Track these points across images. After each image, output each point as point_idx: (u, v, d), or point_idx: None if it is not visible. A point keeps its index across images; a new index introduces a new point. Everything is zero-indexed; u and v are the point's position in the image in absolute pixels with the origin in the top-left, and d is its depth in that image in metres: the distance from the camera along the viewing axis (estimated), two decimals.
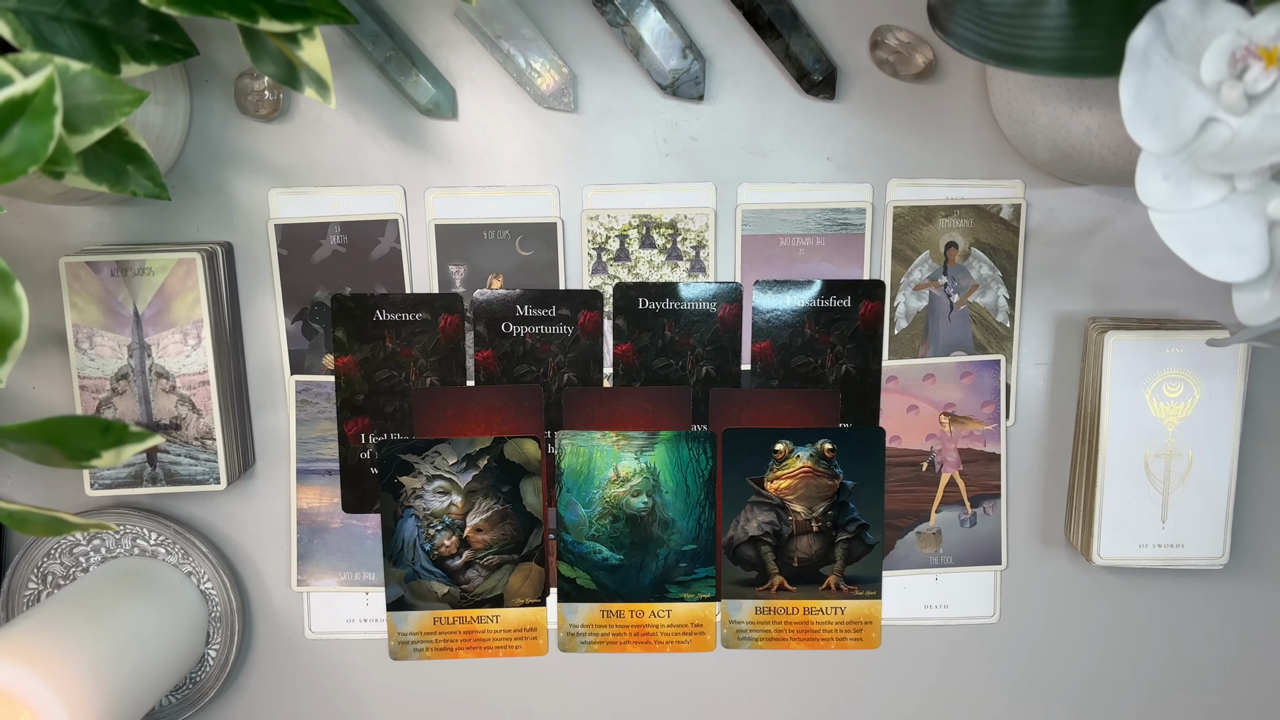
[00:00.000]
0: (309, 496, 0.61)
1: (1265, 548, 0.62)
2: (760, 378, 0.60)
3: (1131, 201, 0.59)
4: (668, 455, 0.60)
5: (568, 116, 0.59)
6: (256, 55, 0.46)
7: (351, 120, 0.59)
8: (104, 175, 0.44)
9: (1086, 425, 0.59)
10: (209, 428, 0.57)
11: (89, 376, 0.57)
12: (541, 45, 0.57)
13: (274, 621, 0.63)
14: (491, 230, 0.59)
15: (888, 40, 0.56)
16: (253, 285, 0.60)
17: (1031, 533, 0.62)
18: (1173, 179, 0.39)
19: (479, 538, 0.61)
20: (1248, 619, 0.63)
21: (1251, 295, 0.41)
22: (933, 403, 0.61)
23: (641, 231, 0.59)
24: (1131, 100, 0.38)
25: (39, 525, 0.44)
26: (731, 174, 0.59)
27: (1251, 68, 0.37)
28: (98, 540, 0.61)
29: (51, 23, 0.41)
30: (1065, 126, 0.49)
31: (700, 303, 0.60)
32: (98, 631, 0.53)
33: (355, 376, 0.60)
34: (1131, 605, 0.63)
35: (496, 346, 0.60)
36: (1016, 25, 0.43)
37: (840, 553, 0.61)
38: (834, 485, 0.60)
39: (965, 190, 0.59)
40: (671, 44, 0.56)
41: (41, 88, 0.36)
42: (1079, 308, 0.60)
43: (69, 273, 0.56)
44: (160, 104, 0.54)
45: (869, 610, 0.62)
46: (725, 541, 0.61)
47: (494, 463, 0.60)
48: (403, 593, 0.61)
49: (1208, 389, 0.56)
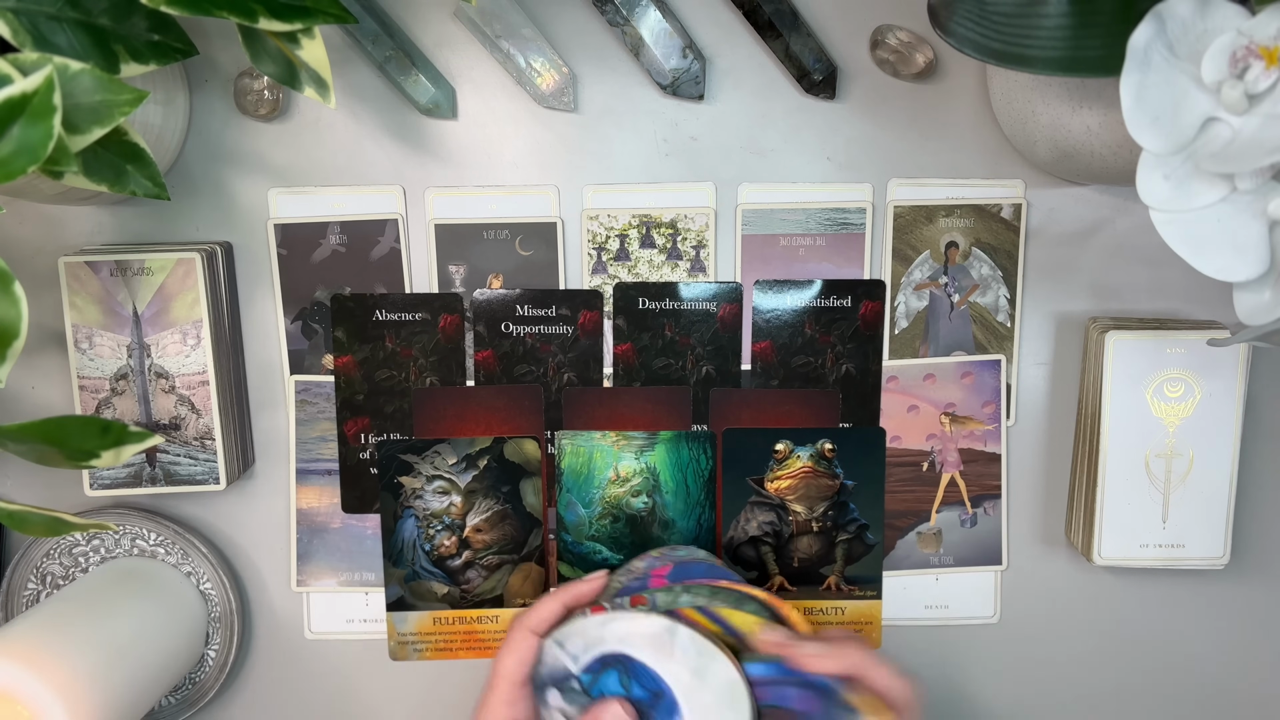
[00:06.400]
0: (309, 497, 0.61)
1: (1266, 548, 0.62)
2: (760, 378, 0.60)
3: (1132, 201, 0.59)
4: (668, 455, 0.60)
5: (568, 116, 0.59)
6: (256, 55, 0.46)
7: (351, 120, 0.59)
8: (103, 175, 0.44)
9: (1087, 425, 0.59)
10: (208, 428, 0.57)
11: (88, 376, 0.57)
12: (541, 45, 0.57)
13: (274, 622, 0.63)
14: (491, 230, 0.59)
15: (888, 40, 0.56)
16: (252, 285, 0.60)
17: (1032, 533, 0.62)
18: (1173, 179, 0.39)
19: (479, 538, 0.61)
20: (1248, 619, 0.63)
21: (1252, 295, 0.41)
22: (933, 403, 0.61)
23: (641, 231, 0.59)
24: (1132, 100, 0.38)
25: (38, 525, 0.44)
26: (731, 174, 0.59)
27: (1252, 67, 0.37)
28: (97, 540, 0.61)
29: (51, 22, 0.41)
30: (1066, 126, 0.49)
31: (700, 303, 0.60)
32: (97, 632, 0.53)
33: (355, 376, 0.60)
34: (1132, 606, 0.63)
35: (496, 346, 0.60)
36: (1017, 25, 0.43)
37: (840, 553, 0.61)
38: (834, 485, 0.60)
39: (966, 190, 0.59)
40: (671, 43, 0.56)
41: (41, 87, 0.36)
42: (1079, 307, 0.60)
43: (68, 273, 0.56)
44: (160, 104, 0.54)
45: (869, 610, 0.62)
46: (725, 541, 0.61)
47: (494, 463, 0.60)
48: (402, 593, 0.61)
49: (1208, 389, 0.56)
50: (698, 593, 0.48)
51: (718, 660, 0.46)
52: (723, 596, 0.48)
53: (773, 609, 0.49)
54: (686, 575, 0.50)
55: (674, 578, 0.50)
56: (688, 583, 0.49)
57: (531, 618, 0.50)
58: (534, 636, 0.49)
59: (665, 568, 0.51)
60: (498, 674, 0.49)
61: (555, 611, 0.50)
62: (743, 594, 0.49)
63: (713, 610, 0.48)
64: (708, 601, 0.48)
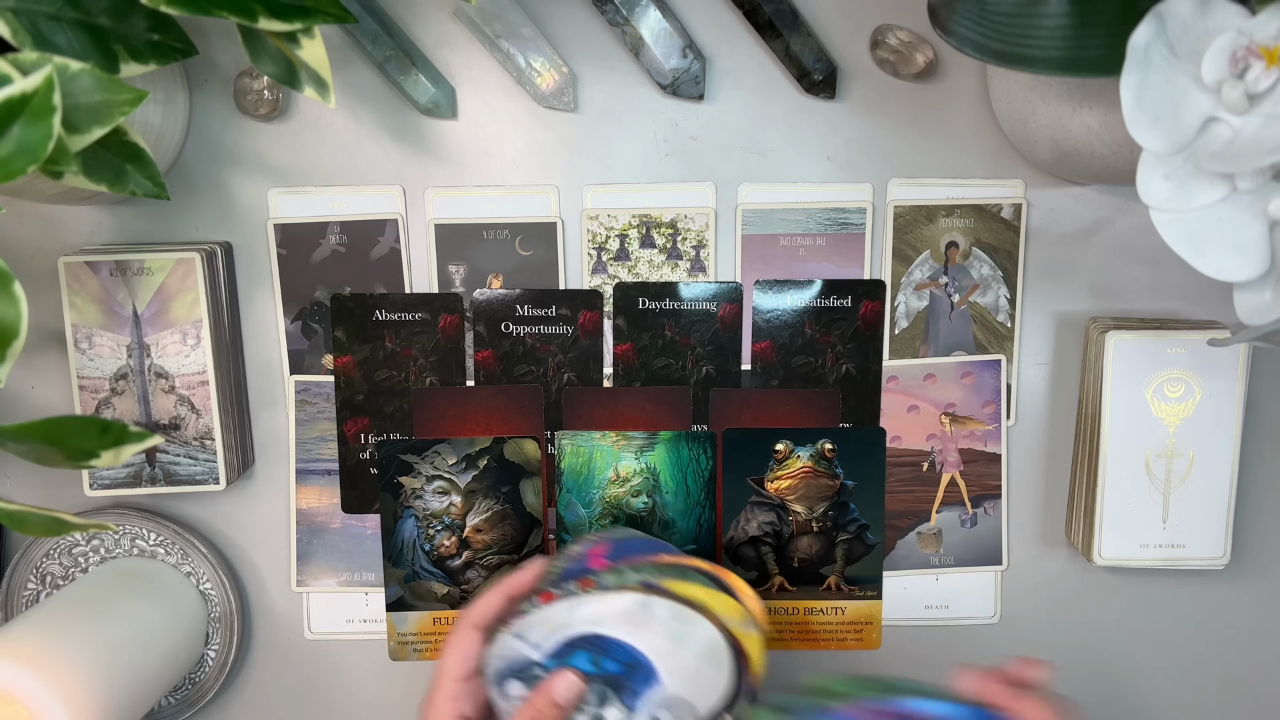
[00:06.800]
0: (308, 497, 0.61)
1: (1266, 548, 0.62)
2: (760, 378, 0.60)
3: (1132, 201, 0.59)
4: (668, 455, 0.60)
5: (568, 116, 0.58)
6: (256, 55, 0.45)
7: (351, 120, 0.59)
8: (103, 175, 0.44)
9: (1087, 425, 0.59)
10: (208, 428, 0.57)
11: (88, 376, 0.57)
12: (541, 45, 0.57)
13: (273, 622, 0.63)
14: (491, 230, 0.59)
15: (888, 39, 0.56)
16: (252, 285, 0.60)
17: (1032, 533, 0.62)
18: (1174, 178, 0.39)
19: (479, 538, 0.61)
20: (1248, 619, 0.63)
21: (1252, 295, 0.41)
22: (933, 403, 0.60)
23: (641, 231, 0.59)
24: (1132, 100, 0.38)
25: (38, 525, 0.44)
26: (731, 174, 0.59)
27: (1252, 67, 0.37)
28: (97, 540, 0.61)
29: (51, 22, 0.41)
30: (1066, 126, 0.49)
31: (700, 303, 0.60)
32: (97, 632, 0.53)
33: (355, 376, 0.60)
34: (1132, 605, 0.63)
35: (496, 346, 0.60)
36: (1017, 24, 0.42)
37: (841, 553, 0.61)
38: (834, 485, 0.60)
39: (966, 190, 0.59)
40: (671, 43, 0.56)
41: (40, 87, 0.36)
42: (1080, 307, 0.60)
43: (68, 273, 0.56)
44: (159, 103, 0.54)
45: (869, 610, 0.62)
46: (725, 542, 0.61)
47: (494, 463, 0.60)
48: (402, 593, 0.61)
49: (1209, 389, 0.56)
50: (643, 570, 0.48)
51: (698, 624, 0.46)
52: (668, 571, 0.48)
53: (718, 579, 0.49)
54: (625, 553, 0.50)
55: (613, 556, 0.49)
56: (630, 560, 0.49)
57: (473, 613, 0.49)
58: (477, 631, 0.48)
59: (602, 547, 0.50)
60: (442, 671, 0.48)
61: (497, 604, 0.49)
62: (685, 566, 0.49)
63: (660, 585, 0.47)
64: (655, 577, 0.48)
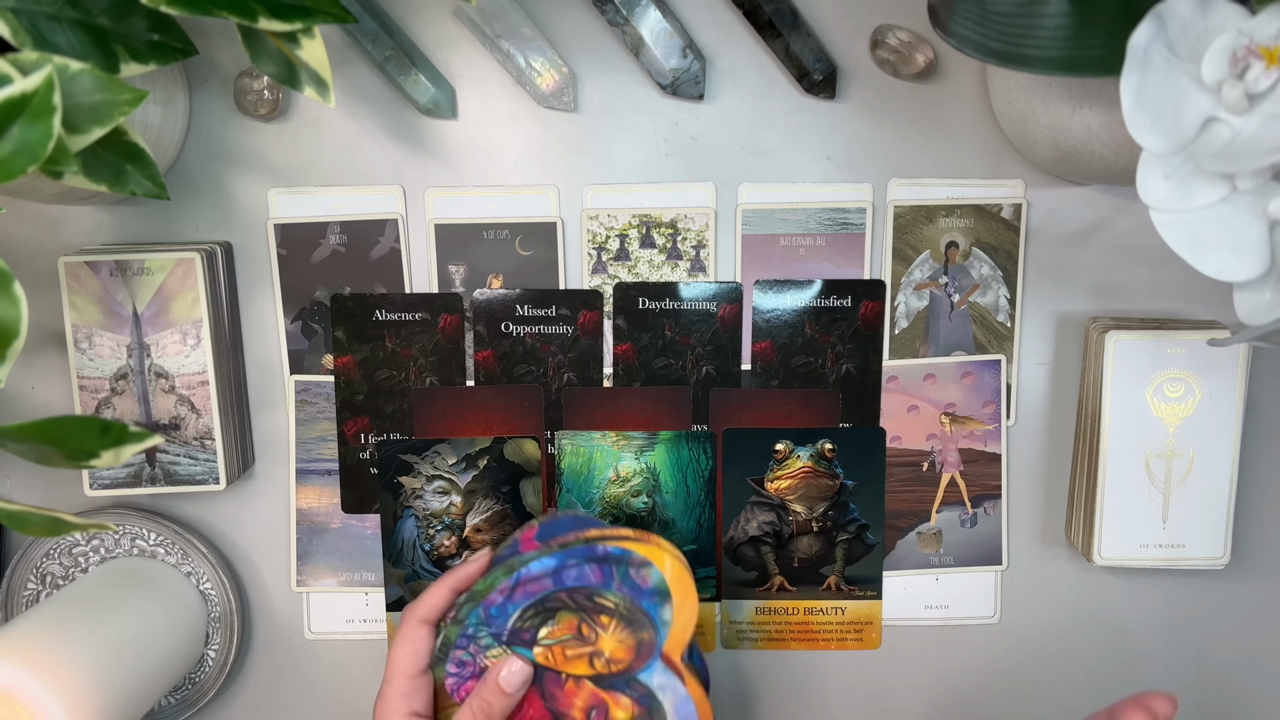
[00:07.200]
0: (308, 497, 0.61)
1: (1266, 548, 0.62)
2: (760, 378, 0.60)
3: (1132, 201, 0.59)
4: (668, 455, 0.60)
5: (568, 116, 0.58)
6: (256, 55, 0.45)
7: (351, 120, 0.59)
8: (103, 175, 0.44)
9: (1087, 425, 0.59)
10: (208, 428, 0.57)
11: (88, 376, 0.57)
12: (541, 45, 0.57)
13: (273, 622, 0.63)
14: (491, 230, 0.59)
15: (888, 39, 0.56)
16: (252, 285, 0.60)
17: (1032, 533, 0.62)
18: (1174, 178, 0.39)
19: (479, 538, 0.61)
20: (1248, 619, 0.63)
21: (1252, 295, 0.41)
22: (933, 403, 0.60)
23: (641, 231, 0.59)
24: (1132, 100, 0.38)
25: (38, 525, 0.44)
26: (731, 174, 0.59)
27: (1252, 67, 0.37)
28: (97, 540, 0.61)
29: (50, 22, 0.41)
30: (1066, 126, 0.49)
31: (700, 302, 0.60)
32: (97, 632, 0.53)
33: (355, 376, 0.60)
34: (1132, 606, 0.63)
35: (496, 346, 0.60)
36: (1017, 24, 0.42)
37: (840, 553, 0.61)
38: (834, 485, 0.60)
39: (966, 190, 0.59)
40: (671, 43, 0.56)
41: (40, 87, 0.36)
42: (1080, 307, 0.60)
43: (68, 273, 0.56)
44: (159, 103, 0.54)
45: (869, 610, 0.62)
46: (725, 541, 0.61)
47: (494, 463, 0.60)
48: (402, 593, 0.61)
49: (1209, 389, 0.56)
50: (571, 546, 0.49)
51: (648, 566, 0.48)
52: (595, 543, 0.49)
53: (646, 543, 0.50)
54: (553, 532, 0.50)
55: (541, 537, 0.50)
56: (559, 539, 0.49)
57: (420, 607, 0.49)
58: (425, 626, 0.48)
59: (531, 530, 0.50)
60: (392, 667, 0.48)
61: (444, 597, 0.49)
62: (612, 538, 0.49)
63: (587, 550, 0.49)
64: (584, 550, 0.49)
